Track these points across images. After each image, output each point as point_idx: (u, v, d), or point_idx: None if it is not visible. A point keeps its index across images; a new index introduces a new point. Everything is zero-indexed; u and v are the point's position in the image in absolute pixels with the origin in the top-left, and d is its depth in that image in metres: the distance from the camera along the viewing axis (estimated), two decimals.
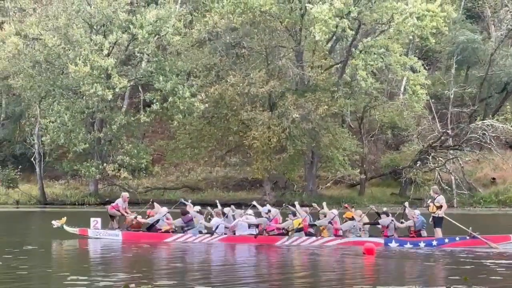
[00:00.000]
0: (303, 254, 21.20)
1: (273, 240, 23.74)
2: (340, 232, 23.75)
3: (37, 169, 55.80)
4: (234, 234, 24.15)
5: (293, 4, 49.52)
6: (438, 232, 23.40)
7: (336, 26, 45.56)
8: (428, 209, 23.86)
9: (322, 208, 24.54)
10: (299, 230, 23.50)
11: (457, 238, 23.01)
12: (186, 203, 26.22)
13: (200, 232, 24.35)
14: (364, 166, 55.04)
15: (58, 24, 52.66)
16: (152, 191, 55.63)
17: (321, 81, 49.86)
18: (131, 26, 50.54)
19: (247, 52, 54.29)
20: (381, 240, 23.25)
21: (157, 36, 51.75)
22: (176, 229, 24.64)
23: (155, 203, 26.49)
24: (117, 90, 50.26)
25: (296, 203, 25.12)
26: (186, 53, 54.57)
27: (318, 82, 49.94)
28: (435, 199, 23.62)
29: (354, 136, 53.48)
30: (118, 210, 26.06)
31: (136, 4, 55.54)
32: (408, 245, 22.90)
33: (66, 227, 25.88)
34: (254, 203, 26.60)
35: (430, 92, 53.44)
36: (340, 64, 52.07)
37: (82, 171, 52.49)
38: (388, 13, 47.02)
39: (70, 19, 52.81)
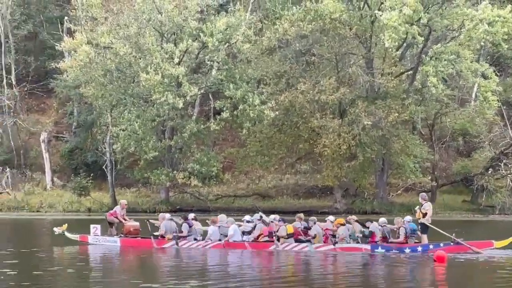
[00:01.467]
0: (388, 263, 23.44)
1: (264, 246, 26.66)
2: (334, 239, 26.25)
3: (109, 177, 60.61)
4: (228, 240, 27.05)
5: (363, 11, 53.80)
6: (424, 238, 26.00)
7: (406, 33, 49.15)
8: (415, 215, 26.53)
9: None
10: (289, 236, 26.48)
11: (442, 244, 25.55)
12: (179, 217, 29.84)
13: (195, 239, 27.50)
14: (435, 173, 58.40)
15: (129, 33, 56.65)
16: (222, 198, 60.22)
17: (392, 88, 53.47)
18: (202, 34, 54.39)
19: (317, 59, 57.89)
20: (367, 246, 25.99)
21: (227, 44, 55.66)
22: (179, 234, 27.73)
23: (152, 221, 29.46)
24: (187, 98, 54.34)
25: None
26: (256, 61, 58.41)
27: (388, 89, 53.56)
28: (422, 205, 26.35)
29: (425, 143, 56.86)
30: (117, 217, 29.32)
31: (206, 12, 59.43)
32: (394, 251, 25.64)
33: (67, 234, 29.29)
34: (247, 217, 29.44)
35: (501, 98, 56.11)
36: (410, 71, 55.57)
37: (153, 179, 56.68)
38: (459, 20, 50.21)
39: (141, 27, 56.80)
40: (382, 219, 27.28)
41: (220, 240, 27.32)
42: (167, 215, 29.01)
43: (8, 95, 71.12)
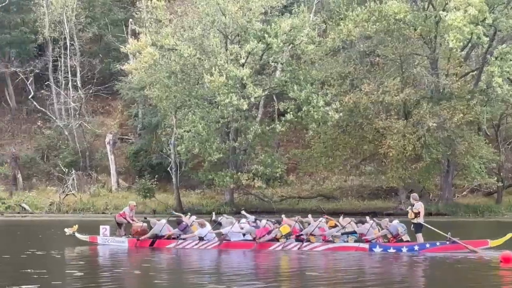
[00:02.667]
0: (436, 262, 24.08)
1: (266, 246, 28.29)
2: (330, 238, 28.04)
3: (174, 179, 63.87)
4: (229, 240, 28.82)
5: (427, 11, 56.48)
6: (419, 237, 27.43)
7: (471, 33, 51.39)
8: (407, 216, 28.01)
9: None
10: (288, 235, 28.29)
11: (438, 243, 26.94)
12: (179, 214, 32.88)
13: (202, 239, 29.23)
14: (501, 174, 60.84)
15: (193, 35, 59.77)
16: (286, 200, 63.30)
17: (456, 89, 55.92)
18: (266, 36, 57.17)
19: (381, 60, 60.71)
20: (365, 245, 27.44)
21: (291, 45, 58.77)
22: (175, 236, 29.79)
23: (149, 219, 31.88)
24: (252, 99, 57.20)
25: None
26: (320, 62, 61.28)
27: (453, 89, 55.98)
28: (413, 205, 27.78)
29: (491, 144, 58.92)
30: (125, 218, 31.17)
31: (270, 14, 62.50)
32: (392, 250, 27.04)
33: (77, 234, 31.21)
34: (243, 212, 32.66)
35: None
36: (475, 71, 58.07)
37: (217, 181, 59.70)
38: None
39: (205, 29, 60.06)
40: (383, 220, 28.79)
41: (218, 241, 29.13)
42: (163, 220, 31.01)
43: (73, 97, 75.86)
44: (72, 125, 74.01)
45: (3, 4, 78.44)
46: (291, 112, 58.08)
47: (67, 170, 69.42)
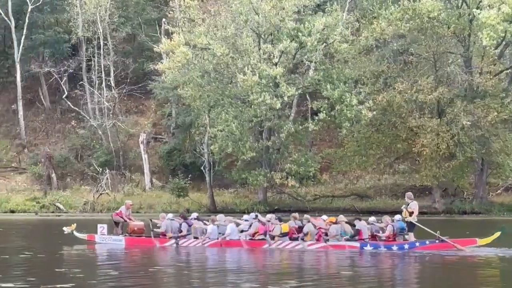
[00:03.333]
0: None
1: (258, 244, 29.45)
2: (327, 237, 28.95)
3: (207, 178, 65.39)
4: (225, 239, 29.90)
5: (461, 9, 57.49)
6: (411, 236, 28.43)
7: (505, 31, 52.43)
8: (401, 215, 28.85)
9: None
10: (284, 235, 29.36)
11: (427, 242, 27.98)
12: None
13: (196, 238, 30.41)
14: None
15: (226, 34, 61.05)
16: (320, 199, 64.50)
17: (490, 87, 56.79)
18: (299, 34, 58.51)
19: (415, 59, 61.72)
20: (357, 244, 28.44)
21: (324, 44, 59.69)
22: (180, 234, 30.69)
23: (155, 221, 32.51)
24: (285, 98, 58.37)
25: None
26: (353, 61, 62.41)
27: (487, 88, 56.83)
28: (408, 204, 28.77)
29: None
30: (122, 217, 32.32)
31: (303, 13, 63.68)
32: (382, 249, 28.03)
33: (76, 233, 32.35)
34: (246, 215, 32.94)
35: None
36: (509, 69, 59.05)
37: (250, 180, 61.02)
38: None
39: (238, 28, 61.42)
40: (372, 218, 29.88)
41: (217, 238, 30.07)
42: (170, 215, 32.06)
43: (107, 97, 77.63)
44: (105, 124, 75.54)
45: (37, 4, 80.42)
46: (324, 111, 59.07)
47: (101, 169, 70.93)
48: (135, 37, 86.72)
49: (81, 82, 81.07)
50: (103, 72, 78.98)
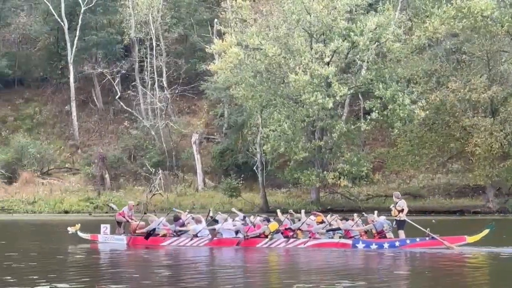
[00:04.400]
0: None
1: (253, 243, 30.62)
2: (316, 235, 30.41)
3: (260, 178, 67.11)
4: (221, 237, 31.40)
5: None
6: (401, 234, 29.70)
7: None
8: (391, 213, 30.21)
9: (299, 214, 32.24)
10: (276, 233, 30.68)
11: (417, 239, 29.31)
12: (179, 211, 35.25)
13: (196, 236, 31.67)
14: None
15: (278, 34, 62.90)
16: (373, 198, 65.77)
17: None
18: (351, 34, 60.07)
19: (468, 58, 62.82)
20: (349, 241, 29.77)
21: (376, 43, 61.12)
22: (174, 233, 32.23)
23: (149, 214, 34.97)
24: (337, 98, 59.99)
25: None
26: (406, 60, 63.53)
27: None
28: (397, 203, 30.01)
29: None
30: (124, 217, 33.67)
31: (355, 12, 65.05)
32: (374, 246, 29.27)
33: (79, 233, 33.76)
34: (234, 209, 35.10)
35: None
36: None
37: (303, 180, 62.55)
38: None
39: (290, 28, 63.07)
40: (382, 217, 30.97)
41: (215, 237, 31.60)
42: (162, 218, 33.65)
43: (159, 97, 79.92)
44: (158, 125, 77.68)
45: (90, 5, 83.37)
46: (376, 111, 60.55)
47: (153, 170, 72.99)
48: (187, 38, 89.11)
49: (134, 83, 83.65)
50: (155, 73, 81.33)
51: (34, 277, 19.84)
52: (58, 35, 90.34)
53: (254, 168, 68.93)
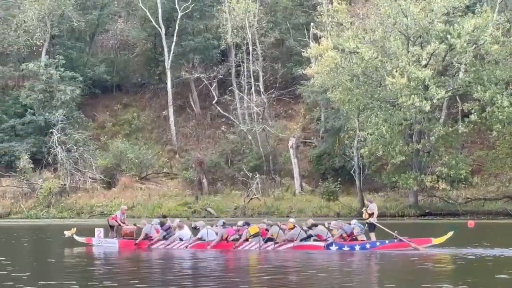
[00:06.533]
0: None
1: (230, 246, 33.13)
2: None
3: (357, 182, 68.99)
4: (204, 241, 33.89)
5: None
6: (372, 236, 32.41)
7: None
8: (362, 216, 33.05)
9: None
10: (255, 236, 32.96)
11: (387, 241, 31.74)
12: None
13: (181, 239, 34.37)
14: None
15: (374, 37, 65.13)
16: (472, 202, 66.85)
17: None
18: (449, 36, 61.46)
19: None
20: (322, 244, 31.89)
21: (474, 45, 62.46)
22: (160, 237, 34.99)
23: (138, 225, 37.16)
24: (434, 101, 61.44)
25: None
26: (505, 62, 64.76)
27: None
28: (368, 207, 33.21)
29: None
30: (117, 221, 37.06)
31: (452, 14, 66.39)
32: (346, 248, 31.49)
33: (75, 237, 37.28)
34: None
35: None
36: None
37: (400, 183, 64.12)
38: None
39: (387, 31, 65.16)
40: (333, 222, 33.35)
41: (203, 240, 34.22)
42: (155, 220, 37.38)
43: (256, 101, 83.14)
44: (255, 129, 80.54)
45: (187, 11, 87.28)
46: (475, 113, 62.03)
47: (251, 174, 75.78)
48: (283, 42, 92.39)
49: (231, 87, 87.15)
50: (252, 77, 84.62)
51: None
52: (155, 41, 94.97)
53: (352, 171, 70.54)
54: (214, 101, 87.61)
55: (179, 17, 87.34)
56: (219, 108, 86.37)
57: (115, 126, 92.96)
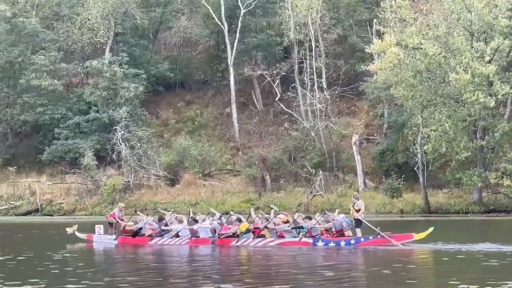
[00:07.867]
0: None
1: (227, 242, 34.73)
2: (283, 233, 34.39)
3: (421, 178, 69.31)
4: (198, 237, 35.75)
5: None
6: (358, 232, 33.99)
7: None
8: (349, 212, 34.71)
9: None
10: (247, 232, 34.62)
11: (371, 237, 33.42)
12: (164, 212, 40.32)
13: (177, 236, 36.09)
14: None
15: (438, 33, 65.67)
16: None
17: None
18: None
19: None
20: (310, 240, 33.72)
21: None
22: (158, 232, 36.83)
23: (139, 213, 39.69)
24: (499, 97, 62.08)
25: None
26: None
27: None
28: (355, 203, 34.61)
29: None
30: (115, 218, 38.98)
31: None
32: (332, 244, 33.26)
33: (77, 233, 39.55)
34: (212, 210, 39.60)
35: None
36: None
37: (464, 180, 64.44)
38: None
39: (450, 27, 65.88)
40: (341, 215, 35.16)
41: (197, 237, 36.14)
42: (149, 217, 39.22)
43: (319, 98, 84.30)
44: (318, 126, 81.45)
45: (249, 8, 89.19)
46: None
47: (314, 171, 76.64)
48: (346, 38, 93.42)
49: (293, 84, 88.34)
50: (315, 74, 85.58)
51: None
52: (218, 38, 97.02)
53: (415, 168, 70.81)
54: (277, 98, 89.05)
55: (241, 14, 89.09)
56: (282, 105, 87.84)
57: (178, 123, 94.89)
